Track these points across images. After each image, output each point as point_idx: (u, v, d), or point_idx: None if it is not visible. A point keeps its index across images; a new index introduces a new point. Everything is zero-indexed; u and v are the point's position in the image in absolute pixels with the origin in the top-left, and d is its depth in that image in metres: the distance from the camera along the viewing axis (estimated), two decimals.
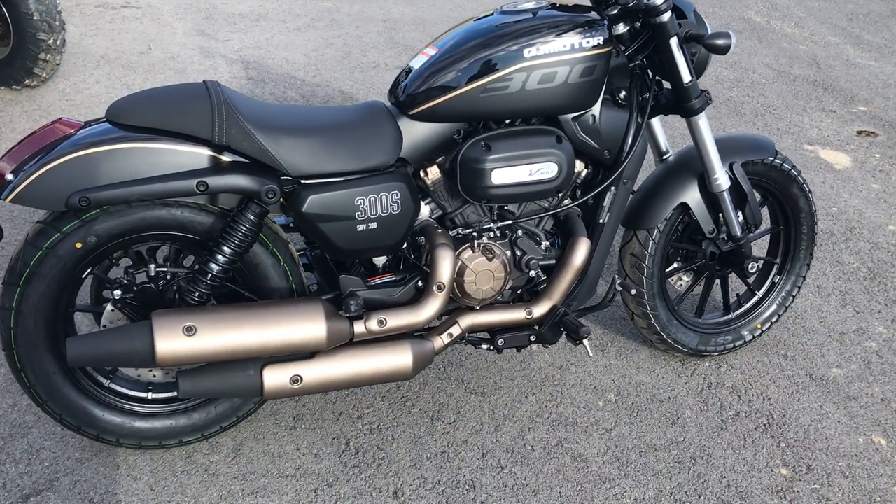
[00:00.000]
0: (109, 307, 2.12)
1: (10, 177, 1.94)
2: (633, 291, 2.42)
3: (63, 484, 2.19)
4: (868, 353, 2.91)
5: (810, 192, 2.74)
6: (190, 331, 1.93)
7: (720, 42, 2.22)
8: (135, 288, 2.09)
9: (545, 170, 2.20)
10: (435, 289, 2.18)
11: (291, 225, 2.40)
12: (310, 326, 2.01)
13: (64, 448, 2.30)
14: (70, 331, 2.16)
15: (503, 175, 2.18)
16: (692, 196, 2.53)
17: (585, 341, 2.28)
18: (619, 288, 2.35)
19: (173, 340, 1.92)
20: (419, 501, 2.23)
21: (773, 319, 2.85)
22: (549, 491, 2.28)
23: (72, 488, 2.18)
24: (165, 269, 2.11)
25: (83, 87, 4.52)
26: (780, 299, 2.85)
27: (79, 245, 2.01)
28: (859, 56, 5.94)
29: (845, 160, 4.41)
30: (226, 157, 2.03)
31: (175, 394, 2.27)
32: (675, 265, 2.72)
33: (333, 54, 5.29)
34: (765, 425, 2.56)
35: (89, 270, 2.10)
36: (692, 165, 2.55)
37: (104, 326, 2.13)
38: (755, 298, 2.86)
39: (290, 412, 2.48)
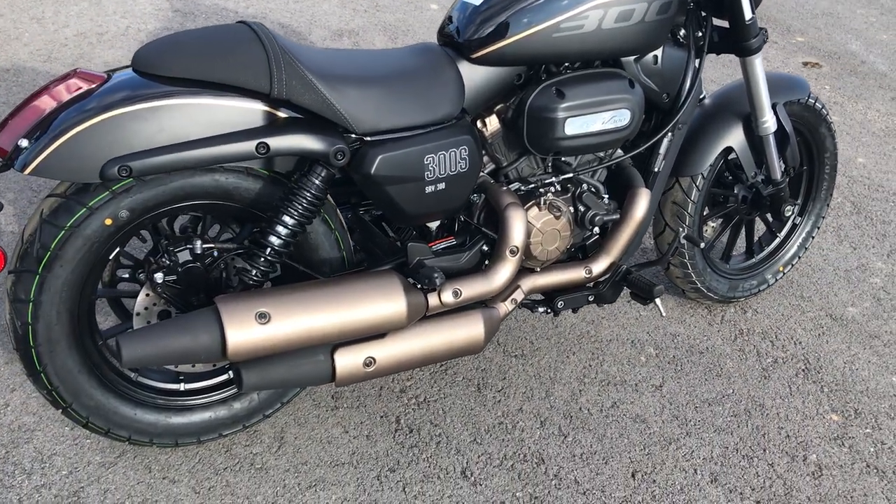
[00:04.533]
0: (144, 292, 1.81)
1: (24, 143, 1.59)
2: (703, 245, 2.30)
3: (90, 495, 1.90)
4: (875, 289, 2.94)
5: (835, 131, 2.69)
6: (263, 318, 1.66)
7: None
8: (179, 269, 1.79)
9: (618, 118, 2.03)
10: (507, 253, 1.98)
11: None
12: (391, 304, 1.77)
13: (80, 451, 1.99)
14: (91, 320, 1.84)
15: (576, 125, 1.98)
16: (737, 139, 2.42)
17: (658, 300, 2.16)
18: (683, 241, 2.23)
19: (246, 330, 1.64)
20: (491, 479, 2.07)
21: (794, 261, 2.82)
22: (619, 458, 2.17)
23: (102, 499, 1.89)
24: (212, 246, 1.81)
25: None
26: (800, 241, 2.82)
27: (109, 222, 1.69)
28: None
29: None
30: (282, 114, 1.73)
31: (210, 383, 2.00)
32: (705, 211, 2.62)
33: None
34: (804, 371, 2.54)
35: (118, 250, 1.78)
36: (734, 108, 2.44)
37: (137, 314, 1.82)
38: (776, 241, 2.82)
39: (327, 390, 2.25)
